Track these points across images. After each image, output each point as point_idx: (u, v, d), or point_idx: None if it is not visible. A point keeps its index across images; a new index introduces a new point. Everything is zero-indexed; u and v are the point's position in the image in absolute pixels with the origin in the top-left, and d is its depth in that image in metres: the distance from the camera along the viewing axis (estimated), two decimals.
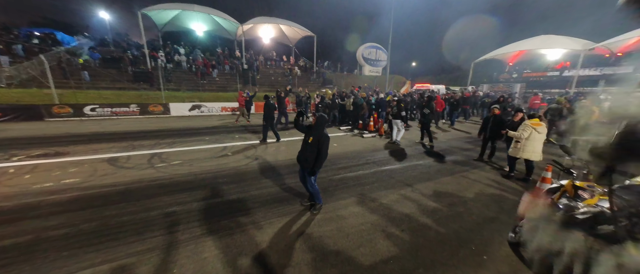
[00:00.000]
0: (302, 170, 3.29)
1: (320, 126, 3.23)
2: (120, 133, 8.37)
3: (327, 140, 3.18)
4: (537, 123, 4.39)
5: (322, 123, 3.26)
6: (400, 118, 7.38)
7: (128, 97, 14.30)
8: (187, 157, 5.79)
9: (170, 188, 4.07)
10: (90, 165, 5.10)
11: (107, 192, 3.90)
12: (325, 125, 3.29)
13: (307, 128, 3.38)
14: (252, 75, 20.84)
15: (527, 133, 4.38)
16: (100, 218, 3.16)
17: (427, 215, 3.39)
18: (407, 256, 2.58)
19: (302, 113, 3.59)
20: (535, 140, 4.38)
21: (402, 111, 7.35)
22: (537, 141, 4.39)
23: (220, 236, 2.85)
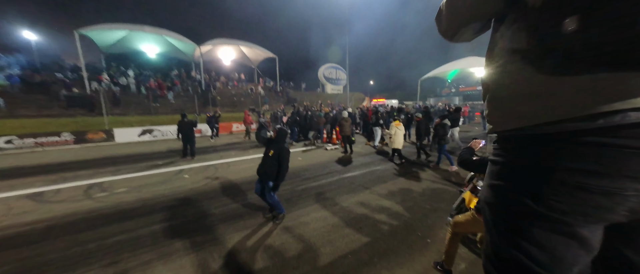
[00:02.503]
0: (259, 183, 3.33)
1: (281, 139, 3.36)
2: (47, 165, 7.15)
3: (288, 153, 3.32)
4: (398, 124, 6.47)
5: (283, 137, 3.39)
6: (378, 126, 8.81)
7: (58, 125, 12.37)
8: (134, 184, 5.24)
9: (112, 218, 3.63)
10: (3, 204, 4.25)
11: (26, 231, 3.29)
12: (285, 138, 3.44)
13: (268, 141, 3.48)
14: (212, 96, 20.14)
15: (393, 131, 6.39)
16: (16, 261, 2.65)
17: (381, 212, 3.69)
18: (363, 249, 2.77)
19: (263, 126, 3.71)
20: (399, 136, 6.41)
21: (379, 120, 8.87)
22: (399, 137, 6.41)
23: (173, 258, 2.65)
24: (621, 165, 0.50)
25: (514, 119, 0.62)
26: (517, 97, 0.61)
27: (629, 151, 0.49)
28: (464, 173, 5.47)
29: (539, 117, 0.56)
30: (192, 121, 7.84)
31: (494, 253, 0.69)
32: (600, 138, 0.50)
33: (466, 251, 2.71)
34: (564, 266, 0.58)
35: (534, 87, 0.57)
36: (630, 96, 0.47)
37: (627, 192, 0.50)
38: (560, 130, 0.54)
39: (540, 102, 0.56)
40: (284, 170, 3.26)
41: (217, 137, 12.60)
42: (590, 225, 0.55)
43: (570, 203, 0.54)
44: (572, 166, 0.53)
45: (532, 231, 0.59)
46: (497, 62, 0.66)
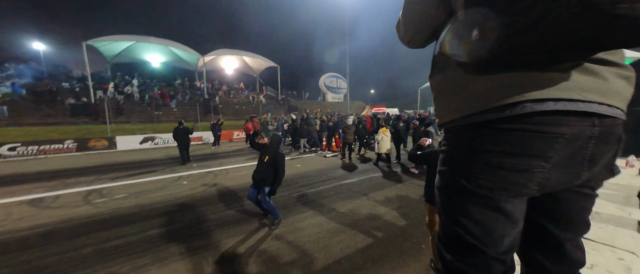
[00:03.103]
0: (253, 188, 3.36)
1: (275, 145, 3.42)
2: (48, 172, 7.23)
3: (283, 158, 3.37)
4: (384, 131, 6.91)
5: (277, 143, 3.45)
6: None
7: (62, 132, 12.57)
8: (133, 190, 5.27)
9: (110, 223, 3.65)
10: (3, 209, 4.29)
11: (24, 236, 3.32)
12: (279, 144, 3.49)
13: (262, 146, 3.54)
14: (214, 104, 20.42)
15: (380, 137, 6.86)
16: (13, 265, 2.67)
17: (378, 218, 3.69)
18: (358, 254, 2.76)
19: (258, 133, 3.77)
20: (385, 141, 6.85)
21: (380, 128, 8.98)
22: (385, 142, 6.86)
23: (168, 263, 2.66)
24: (526, 146, 0.60)
25: (450, 113, 0.73)
26: (450, 94, 0.73)
27: (531, 134, 0.58)
28: None
29: (465, 110, 0.66)
30: (187, 128, 8.14)
31: (443, 232, 0.79)
32: (508, 125, 0.60)
33: None
34: (495, 237, 0.67)
35: (460, 86, 0.68)
36: (525, 90, 0.57)
37: (534, 169, 0.60)
38: (481, 120, 0.63)
39: (465, 98, 0.67)
40: (280, 175, 3.30)
41: (218, 145, 12.70)
42: (511, 199, 0.65)
43: (493, 180, 0.64)
44: (492, 149, 0.64)
45: (467, 207, 0.69)
46: (438, 65, 0.77)
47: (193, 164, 8.03)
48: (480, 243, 0.67)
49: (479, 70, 0.62)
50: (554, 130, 0.57)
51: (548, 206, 0.74)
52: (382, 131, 6.94)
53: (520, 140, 0.60)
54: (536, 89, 0.56)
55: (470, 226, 0.68)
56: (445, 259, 0.76)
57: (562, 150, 0.59)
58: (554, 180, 0.62)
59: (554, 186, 0.64)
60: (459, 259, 0.72)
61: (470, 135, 0.68)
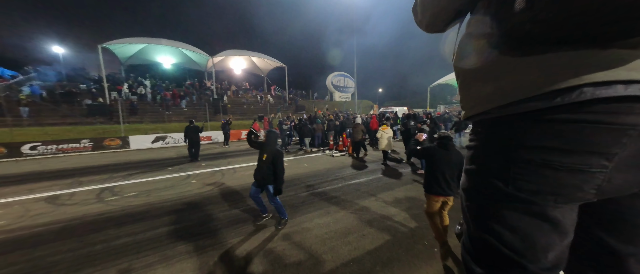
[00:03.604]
0: (255, 187, 3.31)
1: (272, 142, 3.33)
2: (65, 170, 7.50)
3: (281, 155, 3.26)
4: (385, 128, 7.02)
5: (273, 140, 3.35)
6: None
7: (79, 132, 13.06)
8: (144, 188, 5.38)
9: (120, 221, 3.72)
10: (22, 206, 4.46)
11: (40, 232, 3.42)
12: (276, 140, 3.38)
13: (260, 145, 3.46)
14: (223, 104, 20.72)
15: (380, 134, 6.97)
16: (28, 261, 2.74)
17: (386, 220, 3.57)
18: (366, 257, 2.67)
19: (254, 131, 3.70)
20: (384, 139, 6.92)
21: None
22: (385, 139, 6.91)
23: (175, 261, 2.66)
24: (583, 141, 0.49)
25: (481, 103, 0.63)
26: (483, 81, 0.62)
27: (589, 126, 0.48)
28: None
29: (502, 99, 0.56)
30: (197, 127, 8.50)
31: (469, 239, 0.69)
32: (559, 115, 0.50)
33: None
34: (537, 250, 0.57)
35: (496, 70, 0.57)
36: (584, 72, 0.46)
37: (592, 168, 0.50)
38: (523, 110, 0.53)
39: (502, 84, 0.56)
40: (280, 173, 3.20)
41: (228, 145, 12.85)
42: (561, 205, 0.54)
43: (537, 182, 0.54)
44: (537, 144, 0.53)
45: (503, 213, 0.59)
46: (466, 49, 0.67)
47: (202, 163, 8.14)
48: (518, 255, 0.57)
49: (522, 49, 0.52)
50: (623, 121, 0.46)
51: (607, 215, 0.60)
52: (382, 128, 7.00)
53: (575, 133, 0.49)
54: (599, 70, 0.45)
55: (507, 236, 0.58)
56: (474, 273, 0.66)
57: (632, 146, 0.48)
58: (618, 182, 0.51)
59: (616, 190, 0.53)
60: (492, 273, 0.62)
61: (508, 129, 0.58)
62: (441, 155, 2.71)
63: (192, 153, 8.60)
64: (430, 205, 2.72)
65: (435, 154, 2.74)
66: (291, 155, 9.41)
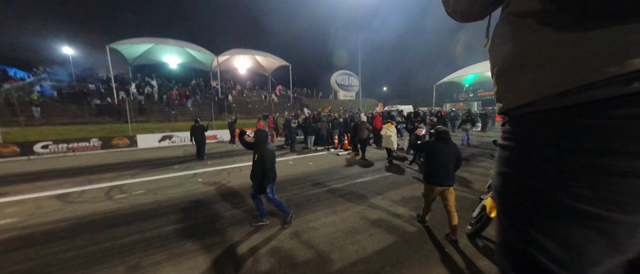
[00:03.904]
0: (253, 188, 3.27)
1: (260, 142, 3.23)
2: (75, 169, 7.65)
3: (270, 154, 3.16)
4: (389, 126, 7.02)
5: (261, 139, 3.25)
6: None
7: (88, 131, 13.32)
8: (151, 186, 5.43)
9: (129, 218, 3.75)
10: (33, 203, 4.55)
11: (51, 229, 3.48)
12: (265, 140, 3.26)
13: (251, 145, 3.39)
14: (228, 104, 20.86)
15: (384, 131, 6.97)
16: (39, 257, 2.78)
17: (394, 219, 3.51)
18: (374, 257, 2.62)
19: (244, 132, 3.66)
20: (388, 136, 6.89)
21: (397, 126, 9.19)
22: (390, 137, 6.87)
23: (183, 260, 2.66)
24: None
25: (524, 93, 0.54)
26: (527, 68, 0.52)
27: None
28: (482, 180, 5.14)
29: (554, 87, 0.47)
30: (202, 126, 8.63)
31: (506, 246, 0.61)
32: (635, 108, 0.40)
33: (488, 263, 2.47)
34: (585, 265, 0.48)
35: (548, 52, 0.48)
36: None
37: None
38: (582, 100, 0.44)
39: (554, 70, 0.47)
40: (266, 172, 3.09)
41: (234, 143, 12.93)
42: (625, 215, 0.45)
43: (597, 189, 0.44)
44: (599, 145, 0.43)
45: (548, 223, 0.50)
46: (506, 30, 0.58)
47: (208, 162, 8.19)
48: (562, 268, 0.50)
49: (586, 24, 0.43)
50: None
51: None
52: (387, 126, 7.05)
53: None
54: None
55: (550, 248, 0.50)
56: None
57: None
58: None
59: None
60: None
61: (559, 125, 0.48)
62: (440, 148, 2.93)
63: (199, 152, 8.74)
64: (428, 193, 3.04)
65: (435, 147, 2.95)
66: (295, 153, 9.39)
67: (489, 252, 2.64)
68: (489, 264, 2.45)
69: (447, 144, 2.95)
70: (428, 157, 3.02)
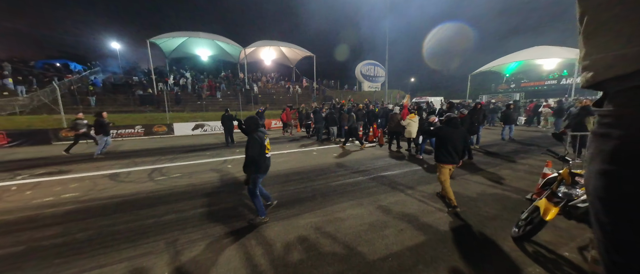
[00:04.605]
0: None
1: (250, 128, 3.09)
2: (123, 152, 8.52)
3: (253, 142, 2.95)
4: (412, 117, 6.90)
5: (249, 126, 3.10)
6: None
7: (133, 119, 14.71)
8: (187, 170, 5.82)
9: (168, 199, 4.06)
10: (91, 181, 5.15)
11: (104, 204, 3.90)
12: (253, 126, 3.10)
13: (244, 131, 3.26)
14: (254, 94, 21.49)
15: (406, 122, 6.96)
16: (96, 228, 3.13)
17: (426, 215, 3.30)
18: (406, 253, 2.48)
19: (240, 121, 3.52)
20: (411, 126, 6.86)
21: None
22: (411, 127, 6.86)
23: (215, 240, 2.79)
24: None
25: (632, 58, 0.38)
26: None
27: None
28: (527, 179, 4.59)
29: None
30: (231, 115, 9.14)
31: (615, 266, 0.48)
32: None
33: (541, 270, 2.19)
34: None
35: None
36: None
37: None
38: None
39: None
40: (249, 161, 2.91)
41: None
42: None
43: None
44: None
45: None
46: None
47: (236, 149, 8.55)
48: None
49: None
50: None
51: None
52: (410, 117, 6.98)
53: None
54: None
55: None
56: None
57: None
58: None
59: None
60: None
61: None
62: (451, 133, 3.39)
63: (228, 140, 9.34)
64: (442, 172, 3.42)
65: (446, 132, 3.41)
66: (317, 144, 9.37)
67: (541, 258, 2.34)
68: (541, 272, 2.16)
69: (456, 128, 3.42)
70: (439, 140, 3.45)
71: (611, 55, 0.43)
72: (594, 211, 0.51)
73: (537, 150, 7.28)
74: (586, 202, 2.26)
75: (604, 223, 0.48)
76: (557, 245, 2.53)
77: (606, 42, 0.44)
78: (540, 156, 6.41)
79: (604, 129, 0.47)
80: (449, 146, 3.33)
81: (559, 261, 2.31)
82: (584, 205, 2.27)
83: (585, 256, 2.33)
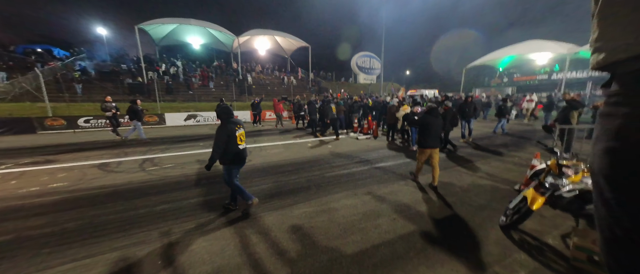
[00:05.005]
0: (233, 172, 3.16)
1: (221, 117, 3.10)
2: (113, 142, 8.32)
3: (220, 130, 2.98)
4: (405, 108, 7.23)
5: (220, 115, 3.12)
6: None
7: (123, 108, 14.28)
8: (179, 161, 5.74)
9: (160, 189, 4.01)
10: (80, 170, 5.02)
11: (94, 194, 3.82)
12: (224, 116, 3.12)
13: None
14: (247, 85, 21.11)
15: (400, 114, 7.27)
16: (86, 218, 3.08)
17: (419, 205, 3.37)
18: (398, 241, 2.54)
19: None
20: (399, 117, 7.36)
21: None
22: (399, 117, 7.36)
23: (209, 229, 2.79)
24: None
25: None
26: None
27: None
28: (516, 170, 4.73)
29: None
30: (226, 105, 8.83)
31: (618, 242, 0.49)
32: None
33: (526, 257, 2.29)
34: None
35: None
36: None
37: None
38: None
39: None
40: (214, 148, 2.93)
41: (260, 124, 13.09)
42: None
43: None
44: None
45: None
46: None
47: None
48: None
49: None
50: None
51: None
52: (402, 108, 7.25)
53: None
54: None
55: None
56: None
57: None
58: None
59: None
60: None
61: None
62: (432, 121, 3.91)
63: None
64: (421, 155, 4.02)
65: (428, 120, 3.92)
66: (312, 136, 9.35)
67: (526, 246, 2.43)
68: (527, 259, 2.26)
69: (436, 118, 3.96)
70: (422, 128, 3.95)
71: (621, 38, 0.43)
72: (597, 190, 0.52)
73: (527, 143, 7.47)
74: (571, 192, 2.35)
75: (608, 199, 0.49)
76: (541, 233, 2.64)
77: (612, 26, 0.44)
78: (529, 149, 6.60)
79: (610, 108, 0.48)
80: (431, 133, 3.86)
81: (543, 248, 2.42)
82: (569, 194, 2.36)
83: (567, 243, 2.44)
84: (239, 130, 3.10)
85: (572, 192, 2.33)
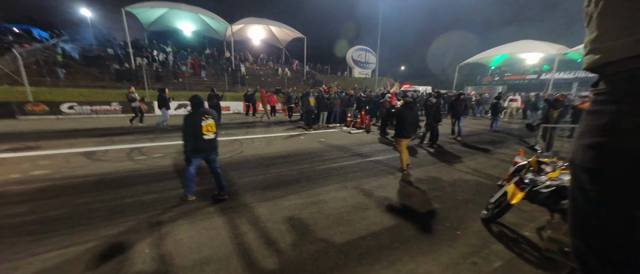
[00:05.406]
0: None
1: (193, 106, 3.18)
2: (99, 129, 8.05)
3: (185, 121, 3.06)
4: (401, 102, 7.35)
5: (193, 104, 3.20)
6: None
7: (109, 95, 13.78)
8: (169, 151, 5.64)
9: (148, 178, 3.95)
10: (63, 158, 4.87)
11: (79, 182, 3.73)
12: (194, 104, 3.19)
13: None
14: (241, 75, 20.69)
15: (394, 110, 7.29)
16: (70, 206, 3.02)
17: (406, 198, 3.47)
18: (384, 233, 2.62)
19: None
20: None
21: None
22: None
23: (197, 220, 2.79)
24: None
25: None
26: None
27: None
28: (500, 166, 4.91)
29: None
30: (218, 95, 9.22)
31: (591, 231, 0.52)
32: None
33: (503, 248, 2.41)
34: None
35: None
36: None
37: None
38: None
39: None
40: (183, 139, 3.07)
41: (254, 116, 12.94)
42: None
43: None
44: None
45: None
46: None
47: (222, 132, 8.34)
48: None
49: None
50: None
51: None
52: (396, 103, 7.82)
53: None
54: None
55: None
56: (592, 269, 0.52)
57: None
58: None
59: None
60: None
61: None
62: (407, 113, 4.41)
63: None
64: (401, 144, 4.45)
65: (404, 113, 4.41)
66: (309, 129, 9.35)
67: (504, 238, 2.57)
68: (503, 250, 2.38)
69: (412, 110, 4.50)
70: (399, 120, 4.43)
71: (613, 40, 0.45)
72: (577, 183, 0.55)
73: (513, 140, 7.73)
74: (549, 188, 2.47)
75: (588, 190, 0.52)
76: (519, 226, 2.78)
77: (607, 27, 0.46)
78: (514, 147, 6.83)
79: (598, 106, 0.50)
80: (406, 124, 4.32)
81: (519, 239, 2.56)
82: (546, 190, 2.48)
83: (542, 236, 2.59)
84: (207, 121, 3.11)
85: (550, 188, 2.45)
